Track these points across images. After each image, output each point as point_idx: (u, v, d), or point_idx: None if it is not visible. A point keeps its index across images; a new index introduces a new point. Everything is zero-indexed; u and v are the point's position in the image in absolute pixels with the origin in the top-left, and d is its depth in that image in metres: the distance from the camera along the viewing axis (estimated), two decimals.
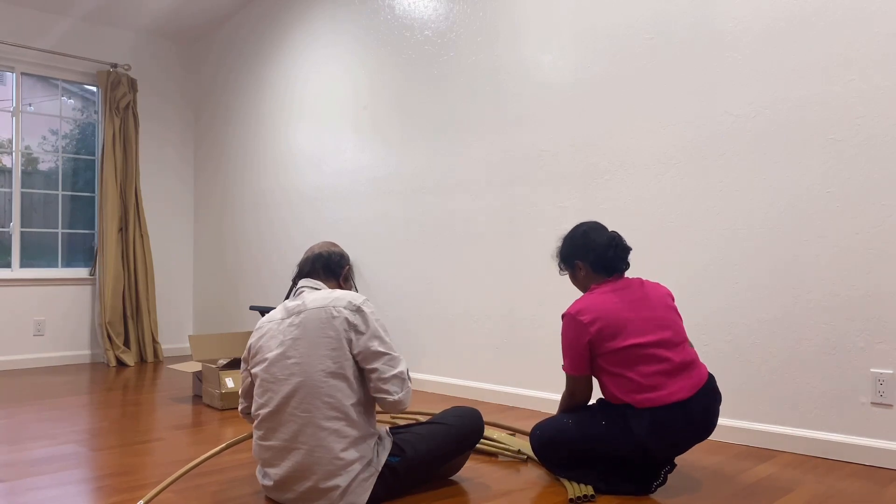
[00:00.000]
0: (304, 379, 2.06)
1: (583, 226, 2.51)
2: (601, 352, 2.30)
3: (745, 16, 3.00)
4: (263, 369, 2.13)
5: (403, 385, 2.12)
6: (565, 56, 3.62)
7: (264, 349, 2.16)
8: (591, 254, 2.43)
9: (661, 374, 2.25)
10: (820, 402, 2.80)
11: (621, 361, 2.27)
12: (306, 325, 2.10)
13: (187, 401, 3.93)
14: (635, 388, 2.25)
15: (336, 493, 2.04)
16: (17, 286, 5.32)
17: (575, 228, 2.53)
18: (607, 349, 2.28)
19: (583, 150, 3.54)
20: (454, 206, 4.13)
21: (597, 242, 2.44)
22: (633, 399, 2.25)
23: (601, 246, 2.43)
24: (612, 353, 2.28)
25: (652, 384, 2.24)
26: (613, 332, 2.28)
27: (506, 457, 2.74)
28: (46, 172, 5.60)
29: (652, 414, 2.22)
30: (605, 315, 2.29)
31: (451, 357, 4.14)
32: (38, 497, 2.27)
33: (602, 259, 2.42)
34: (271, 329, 2.18)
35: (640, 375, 2.25)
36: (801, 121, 2.84)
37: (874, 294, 2.67)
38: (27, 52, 5.38)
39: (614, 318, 2.29)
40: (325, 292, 2.19)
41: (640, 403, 2.24)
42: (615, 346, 2.27)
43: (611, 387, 2.31)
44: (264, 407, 2.12)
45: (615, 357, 2.28)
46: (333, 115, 4.92)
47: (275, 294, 5.40)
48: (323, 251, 2.34)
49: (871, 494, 2.32)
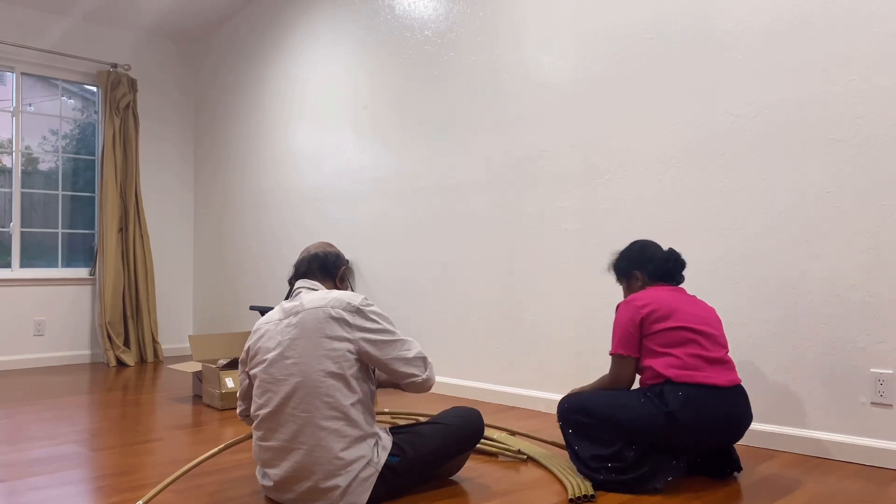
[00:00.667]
0: (303, 379, 2.06)
1: (638, 242, 2.68)
2: (650, 332, 2.43)
3: (745, 16, 3.00)
4: (262, 370, 2.13)
5: (426, 363, 2.20)
6: (565, 56, 3.62)
7: (262, 350, 2.16)
8: (650, 265, 2.61)
9: (702, 358, 2.38)
10: (820, 402, 2.80)
11: (668, 342, 2.40)
12: (304, 325, 2.10)
13: (187, 401, 3.93)
14: (678, 365, 2.37)
15: (336, 493, 2.04)
16: (17, 286, 5.32)
17: (631, 245, 2.69)
18: (656, 329, 2.42)
19: (583, 150, 3.54)
20: (454, 205, 4.13)
21: (655, 255, 2.63)
22: (673, 373, 2.35)
23: (660, 258, 2.62)
24: (661, 332, 2.41)
25: (693, 364, 2.37)
26: (664, 314, 2.43)
27: (506, 457, 2.74)
28: (46, 172, 5.60)
29: (688, 388, 2.33)
30: (657, 301, 2.46)
31: (452, 357, 4.14)
32: (38, 497, 2.27)
33: (660, 269, 2.61)
34: (269, 330, 2.18)
35: (684, 354, 2.38)
36: (801, 121, 2.84)
37: (874, 294, 2.67)
38: (27, 52, 5.38)
39: (666, 304, 2.45)
40: (322, 293, 2.19)
41: (679, 378, 2.34)
42: (664, 326, 2.41)
43: (655, 366, 2.40)
44: (263, 407, 2.12)
45: (663, 337, 2.41)
46: (333, 115, 4.92)
47: (275, 294, 5.40)
48: (319, 251, 2.34)
49: (871, 494, 2.32)
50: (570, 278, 3.57)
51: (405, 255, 4.40)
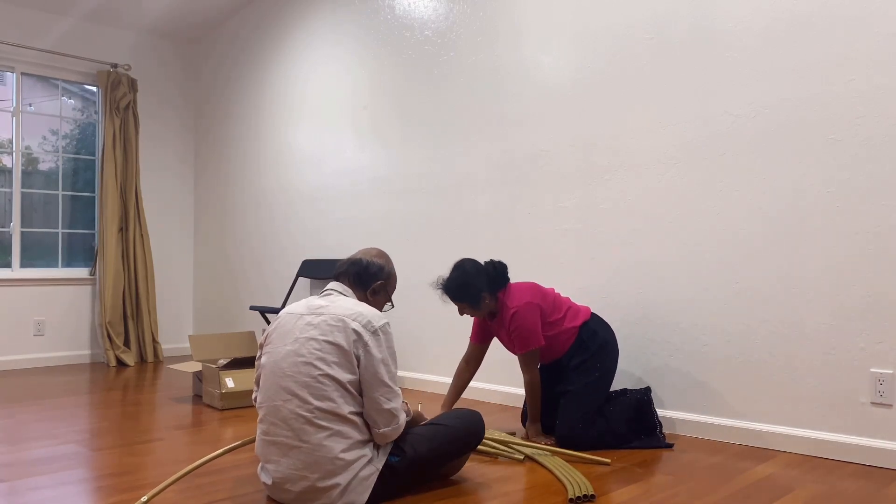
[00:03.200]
0: (311, 380, 2.06)
1: (464, 267, 3.05)
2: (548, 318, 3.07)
3: (745, 16, 3.00)
4: (274, 363, 2.14)
5: (392, 421, 2.11)
6: (565, 56, 3.62)
7: (277, 341, 2.17)
8: (494, 282, 3.08)
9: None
10: (820, 402, 2.80)
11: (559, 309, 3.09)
12: (322, 328, 2.10)
13: (187, 401, 3.93)
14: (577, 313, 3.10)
15: (336, 492, 2.05)
16: (18, 286, 5.32)
17: (460, 273, 3.03)
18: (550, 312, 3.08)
19: (583, 149, 3.54)
20: (454, 205, 4.13)
21: (487, 271, 3.07)
22: (581, 319, 3.06)
23: (492, 271, 3.10)
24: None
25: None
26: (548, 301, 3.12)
27: (506, 457, 2.74)
28: (46, 172, 5.60)
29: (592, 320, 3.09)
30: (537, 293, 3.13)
31: (452, 357, 4.14)
32: (38, 497, 2.27)
33: (501, 277, 3.09)
34: (288, 322, 2.18)
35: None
36: (801, 121, 2.84)
37: (874, 294, 2.67)
38: (27, 52, 5.38)
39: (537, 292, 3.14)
40: (352, 303, 2.18)
41: (585, 317, 3.08)
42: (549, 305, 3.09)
43: (566, 323, 3.04)
44: (270, 401, 2.12)
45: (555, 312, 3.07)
46: (333, 115, 4.92)
47: (275, 294, 5.41)
48: (364, 259, 2.32)
49: (871, 494, 2.32)
50: (571, 278, 3.57)
51: (405, 255, 4.40)
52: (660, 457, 2.78)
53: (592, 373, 2.97)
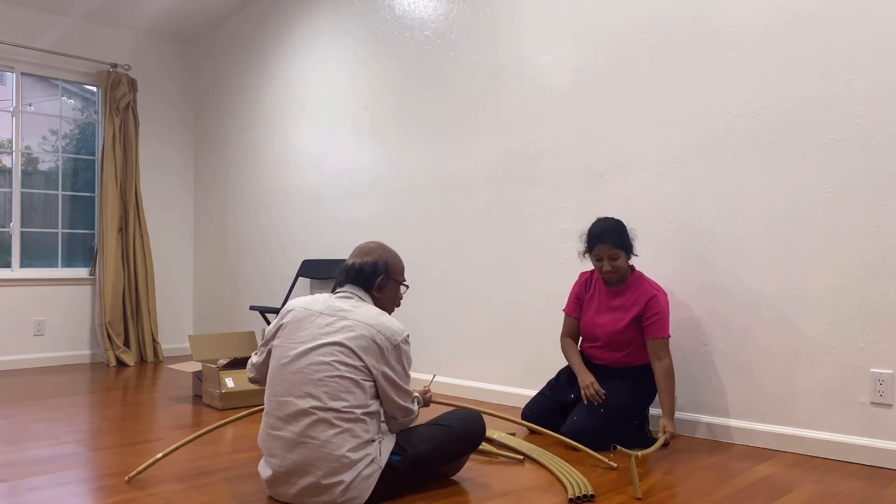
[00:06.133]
0: (325, 379, 2.07)
1: (614, 220, 3.01)
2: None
3: (744, 16, 3.00)
4: (289, 360, 2.14)
5: (409, 413, 2.26)
6: (565, 56, 3.62)
7: (292, 335, 2.18)
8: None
9: None
10: (820, 402, 2.80)
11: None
12: (345, 333, 2.13)
13: (187, 401, 3.93)
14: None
15: (339, 490, 2.05)
16: (17, 286, 5.32)
17: (617, 221, 2.99)
18: None
19: (582, 150, 3.54)
20: (454, 205, 4.13)
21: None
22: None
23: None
24: None
25: None
26: None
27: (506, 457, 2.74)
28: (46, 172, 5.60)
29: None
30: None
31: (452, 356, 4.14)
32: (38, 497, 2.27)
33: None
34: (306, 318, 2.19)
35: None
36: (801, 121, 2.84)
37: (874, 294, 2.67)
38: (27, 52, 5.38)
39: None
40: (375, 313, 2.20)
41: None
42: None
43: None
44: (280, 396, 2.13)
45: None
46: (333, 115, 4.92)
47: (275, 294, 5.41)
48: (356, 262, 2.32)
49: (871, 494, 2.32)
50: (571, 278, 3.57)
51: (405, 255, 4.40)
52: (660, 457, 2.78)
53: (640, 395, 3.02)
